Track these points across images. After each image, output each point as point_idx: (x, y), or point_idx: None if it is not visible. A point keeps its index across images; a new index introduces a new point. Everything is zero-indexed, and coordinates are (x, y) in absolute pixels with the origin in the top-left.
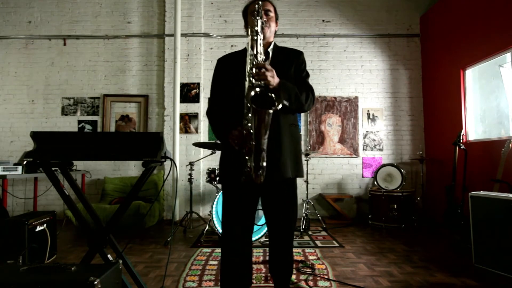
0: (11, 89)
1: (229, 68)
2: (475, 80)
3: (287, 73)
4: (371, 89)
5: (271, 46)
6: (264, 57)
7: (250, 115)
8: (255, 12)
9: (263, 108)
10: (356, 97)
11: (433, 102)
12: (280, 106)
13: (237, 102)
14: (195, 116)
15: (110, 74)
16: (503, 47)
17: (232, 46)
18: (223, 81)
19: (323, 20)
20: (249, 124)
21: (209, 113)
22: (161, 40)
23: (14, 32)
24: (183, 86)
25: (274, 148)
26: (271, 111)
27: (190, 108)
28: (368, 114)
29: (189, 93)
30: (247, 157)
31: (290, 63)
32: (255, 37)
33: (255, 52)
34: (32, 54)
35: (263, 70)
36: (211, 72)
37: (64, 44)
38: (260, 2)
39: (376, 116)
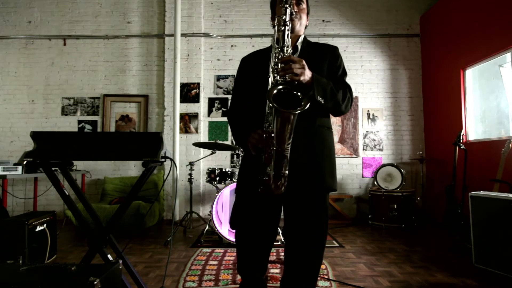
0: (11, 89)
1: (252, 67)
2: (475, 80)
3: (320, 70)
4: (371, 89)
5: (300, 40)
6: (291, 51)
7: (272, 116)
8: (285, 0)
9: (285, 109)
10: (356, 97)
11: (433, 102)
12: (307, 106)
13: (260, 104)
14: (195, 116)
15: (110, 74)
16: (503, 47)
17: (232, 46)
18: (245, 81)
19: (323, 20)
20: (271, 127)
21: (229, 116)
22: (161, 40)
23: (14, 32)
24: (183, 86)
25: (302, 153)
26: (296, 112)
27: (190, 108)
28: (368, 114)
29: (189, 93)
30: (267, 165)
31: (323, 59)
32: (282, 28)
33: (281, 45)
34: (32, 54)
35: (289, 63)
36: (211, 72)
37: (64, 44)
38: None
39: (376, 116)
